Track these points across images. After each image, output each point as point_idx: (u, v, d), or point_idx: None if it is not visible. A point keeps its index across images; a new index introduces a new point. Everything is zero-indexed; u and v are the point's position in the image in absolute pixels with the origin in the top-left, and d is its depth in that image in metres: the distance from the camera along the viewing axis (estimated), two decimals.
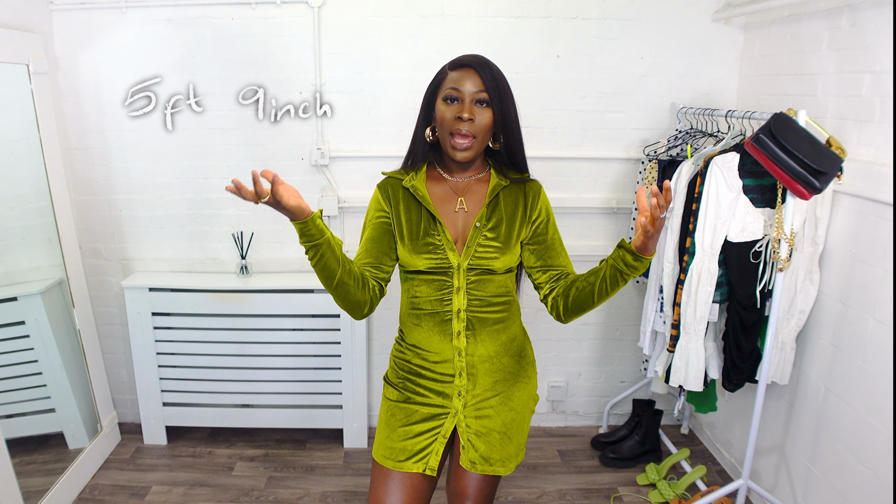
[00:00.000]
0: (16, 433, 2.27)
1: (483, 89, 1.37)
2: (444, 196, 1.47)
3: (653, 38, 2.53)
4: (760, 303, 2.04)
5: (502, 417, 1.50)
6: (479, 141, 1.39)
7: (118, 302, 2.76)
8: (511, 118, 1.42)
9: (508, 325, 1.50)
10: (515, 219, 1.46)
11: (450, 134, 1.38)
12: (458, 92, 1.37)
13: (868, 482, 1.82)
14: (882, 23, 1.78)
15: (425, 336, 1.47)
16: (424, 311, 1.46)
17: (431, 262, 1.42)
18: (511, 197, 1.48)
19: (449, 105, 1.38)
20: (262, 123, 2.57)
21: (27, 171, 2.34)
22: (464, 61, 1.40)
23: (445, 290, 1.44)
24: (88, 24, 2.45)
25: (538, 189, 1.52)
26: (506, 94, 1.40)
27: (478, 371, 1.47)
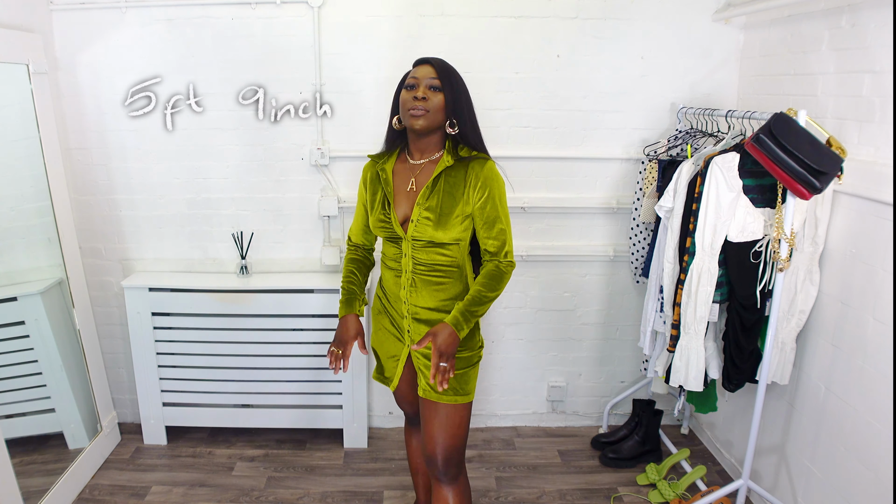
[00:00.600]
0: (16, 433, 2.27)
1: (435, 76, 1.65)
2: (403, 176, 1.75)
3: (653, 38, 2.53)
4: (760, 303, 2.04)
5: None
6: (432, 114, 1.64)
7: (118, 302, 2.76)
8: (462, 104, 1.67)
9: (449, 287, 1.75)
10: (454, 196, 1.67)
11: (408, 111, 1.64)
12: (416, 79, 1.66)
13: (868, 482, 1.82)
14: (882, 23, 1.78)
15: (389, 280, 1.82)
16: (387, 265, 1.81)
17: (384, 233, 1.75)
18: (456, 176, 1.68)
19: (408, 91, 1.66)
20: (262, 123, 2.57)
21: (27, 171, 2.35)
22: (422, 59, 1.72)
23: (397, 252, 1.76)
24: (88, 24, 2.45)
25: (481, 167, 1.68)
26: (457, 84, 1.67)
27: (421, 318, 1.77)
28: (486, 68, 2.52)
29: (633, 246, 2.61)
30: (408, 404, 1.98)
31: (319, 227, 2.70)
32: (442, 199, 1.67)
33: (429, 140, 1.71)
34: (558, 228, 2.74)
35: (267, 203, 2.68)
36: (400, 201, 1.73)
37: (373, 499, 2.44)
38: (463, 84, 1.69)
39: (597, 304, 2.85)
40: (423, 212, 1.67)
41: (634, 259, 2.63)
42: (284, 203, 2.68)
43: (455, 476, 1.79)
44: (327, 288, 2.59)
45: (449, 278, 1.74)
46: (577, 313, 2.86)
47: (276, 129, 2.58)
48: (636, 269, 2.64)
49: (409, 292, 1.74)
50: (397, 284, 1.77)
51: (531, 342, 2.89)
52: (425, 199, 1.67)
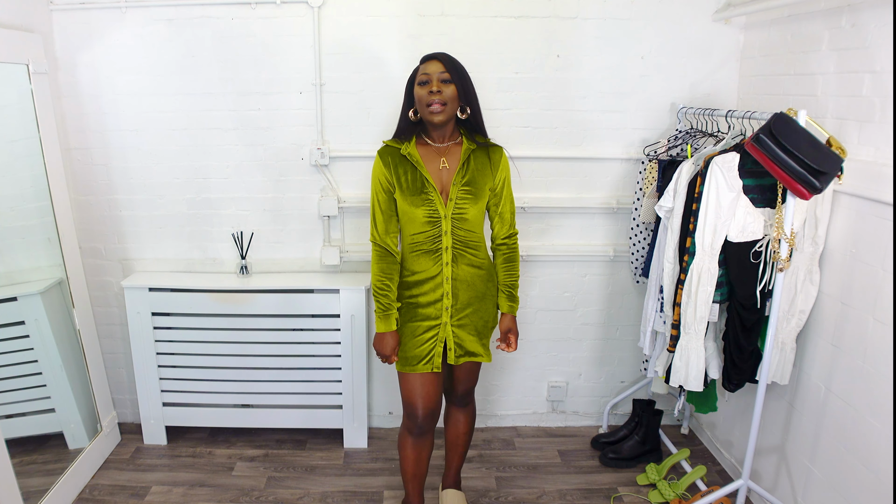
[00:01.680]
0: (16, 433, 2.27)
1: (444, 70, 1.85)
2: (430, 157, 1.95)
3: (653, 38, 2.53)
4: (760, 303, 2.04)
5: (475, 324, 2.03)
6: (448, 107, 1.86)
7: (118, 302, 2.76)
8: (471, 93, 1.92)
9: (479, 255, 2.00)
10: (483, 175, 1.95)
11: (427, 105, 1.85)
12: (427, 75, 1.85)
13: (868, 482, 1.82)
14: (882, 23, 1.78)
15: (423, 263, 1.96)
16: (423, 249, 1.95)
17: (426, 211, 1.91)
18: (480, 158, 1.96)
19: (422, 86, 1.86)
20: (262, 123, 2.57)
21: (27, 171, 2.35)
22: (429, 56, 1.90)
23: (436, 232, 1.93)
24: (88, 24, 2.45)
25: (500, 152, 2.00)
26: (464, 75, 1.89)
27: (459, 291, 1.98)
28: (486, 68, 2.52)
29: (633, 246, 2.61)
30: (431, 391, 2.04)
31: (319, 227, 2.70)
32: (475, 177, 1.93)
33: (447, 128, 1.93)
34: (558, 228, 2.74)
35: (267, 203, 2.68)
36: (435, 179, 1.93)
37: (373, 499, 2.44)
38: (468, 74, 1.91)
39: (597, 304, 2.85)
40: (461, 188, 1.91)
41: (634, 259, 2.63)
42: (284, 203, 2.68)
43: (470, 401, 2.25)
44: (327, 288, 2.59)
45: (477, 249, 1.99)
46: (577, 313, 2.86)
47: (276, 130, 2.58)
48: (636, 269, 2.64)
49: (451, 268, 1.95)
50: (438, 264, 1.95)
51: (531, 342, 2.88)
52: (462, 178, 1.92)
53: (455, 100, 1.87)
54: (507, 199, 2.03)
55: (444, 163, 1.94)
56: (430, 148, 1.95)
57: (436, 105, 1.83)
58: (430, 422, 2.07)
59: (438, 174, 1.93)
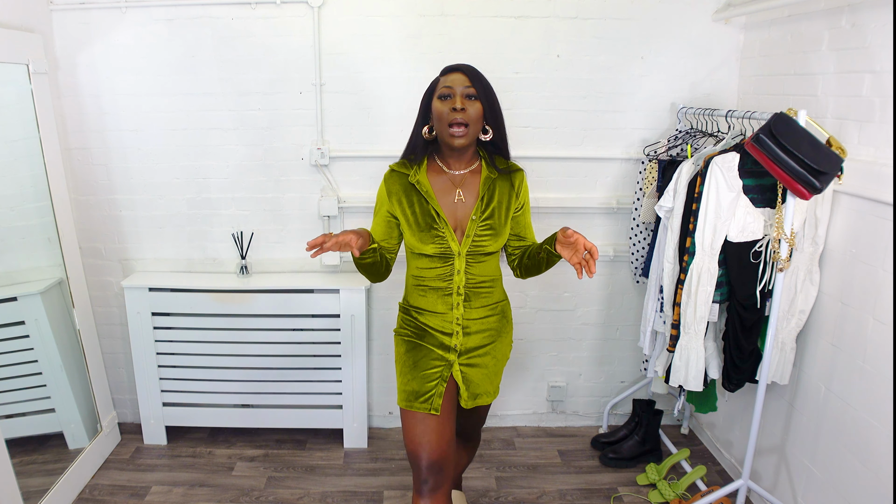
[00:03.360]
0: (16, 433, 2.27)
1: (470, 85, 1.63)
2: (444, 188, 1.71)
3: (653, 38, 2.53)
4: (760, 303, 2.04)
5: (488, 365, 1.81)
6: (472, 129, 1.63)
7: (118, 302, 2.76)
8: (497, 111, 1.69)
9: (494, 292, 1.79)
10: (503, 205, 1.73)
11: (448, 125, 1.61)
12: (451, 89, 1.63)
13: (868, 482, 1.82)
14: (882, 23, 1.78)
15: (430, 303, 1.74)
16: (429, 287, 1.73)
17: (437, 248, 1.67)
18: (501, 187, 1.73)
19: (444, 102, 1.63)
20: (261, 124, 2.57)
21: (27, 171, 2.35)
22: (452, 67, 1.68)
23: (447, 270, 1.70)
24: (88, 24, 2.45)
25: (522, 177, 1.78)
26: (490, 91, 1.66)
27: (471, 331, 1.76)
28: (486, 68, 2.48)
29: (633, 246, 2.61)
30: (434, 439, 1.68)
31: (319, 227, 2.70)
32: (497, 210, 1.71)
33: (468, 152, 1.71)
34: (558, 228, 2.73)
35: (267, 203, 2.68)
36: (449, 214, 1.69)
37: (373, 499, 2.44)
38: (494, 91, 1.68)
39: (597, 304, 2.85)
40: (480, 224, 1.68)
41: (634, 259, 2.63)
42: (284, 203, 2.68)
43: (476, 437, 2.10)
44: (327, 288, 2.59)
45: (494, 286, 1.78)
46: (577, 313, 2.86)
47: (276, 130, 2.58)
48: (636, 269, 2.64)
49: (462, 308, 1.72)
50: (446, 303, 1.72)
51: (531, 342, 2.88)
52: (482, 213, 1.69)
53: (479, 120, 1.64)
54: (529, 226, 1.82)
55: (460, 195, 1.69)
56: (443, 176, 1.71)
57: (457, 127, 1.60)
58: (437, 475, 1.66)
59: (452, 208, 1.69)
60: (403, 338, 1.80)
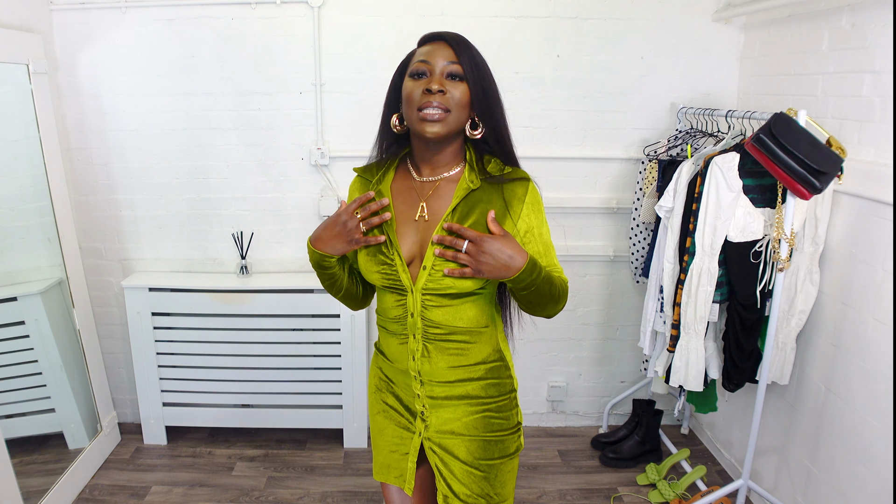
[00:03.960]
0: (16, 433, 2.27)
1: (455, 61, 1.19)
2: (408, 200, 1.28)
3: (653, 38, 2.53)
4: (760, 303, 2.04)
5: (472, 461, 1.31)
6: (453, 116, 1.19)
7: (118, 302, 2.76)
8: (492, 98, 1.23)
9: (473, 351, 1.28)
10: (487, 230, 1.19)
11: (418, 109, 1.18)
12: (427, 64, 1.19)
13: (868, 482, 1.82)
14: (882, 23, 1.78)
15: (391, 349, 1.33)
16: (389, 320, 1.31)
17: (384, 280, 1.25)
18: (488, 200, 1.22)
19: (416, 80, 1.20)
20: (262, 123, 2.57)
21: (27, 171, 2.34)
22: (432, 35, 1.24)
23: (401, 310, 1.26)
24: (88, 24, 2.45)
25: (522, 192, 1.24)
26: (483, 69, 1.23)
27: (437, 395, 1.29)
28: None
29: (633, 246, 2.61)
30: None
31: None
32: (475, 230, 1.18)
33: (445, 150, 1.26)
34: (558, 228, 2.74)
35: (267, 203, 2.68)
36: (405, 236, 1.25)
37: (373, 499, 2.44)
38: (491, 74, 1.25)
39: (597, 304, 2.85)
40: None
41: (634, 259, 2.63)
42: (284, 203, 2.68)
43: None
44: None
45: (473, 341, 1.28)
46: (577, 313, 2.86)
47: (276, 130, 2.58)
48: (636, 269, 2.64)
49: (421, 363, 1.27)
50: (404, 353, 1.29)
51: (531, 342, 2.88)
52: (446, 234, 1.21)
53: (465, 107, 1.20)
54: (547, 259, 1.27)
55: (423, 211, 1.25)
56: (409, 183, 1.29)
57: (432, 109, 1.17)
58: None
59: (412, 228, 1.25)
60: (372, 391, 1.46)
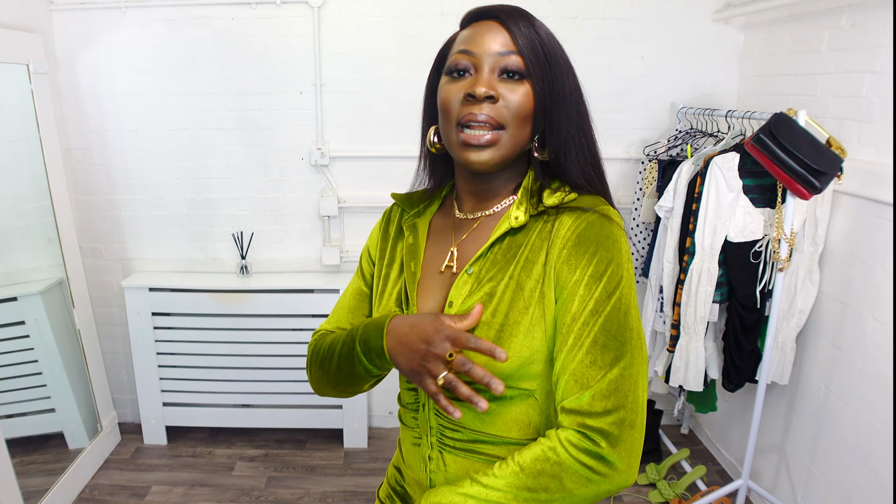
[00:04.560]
0: (16, 433, 2.27)
1: (514, 50, 0.82)
2: (441, 243, 0.94)
3: (653, 38, 2.53)
4: (760, 303, 2.04)
5: None
6: (509, 135, 0.82)
7: (118, 302, 2.76)
8: (571, 102, 0.88)
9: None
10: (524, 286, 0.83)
11: (457, 125, 0.83)
12: (470, 56, 0.83)
13: (868, 482, 1.82)
14: (882, 23, 1.78)
15: (406, 442, 0.99)
16: (402, 407, 0.99)
17: None
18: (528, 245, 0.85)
19: (455, 81, 0.84)
20: (262, 123, 2.57)
21: (27, 171, 2.35)
22: (483, 11, 0.85)
23: (412, 394, 0.95)
24: (88, 24, 2.45)
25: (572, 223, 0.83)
26: (556, 63, 0.86)
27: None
28: None
29: (633, 246, 2.61)
30: None
31: (319, 228, 2.70)
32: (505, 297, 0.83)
33: (499, 180, 0.90)
34: None
35: (267, 203, 2.68)
36: (427, 292, 0.91)
37: (373, 499, 2.44)
38: (568, 63, 0.90)
39: None
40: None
41: (634, 259, 2.63)
42: (284, 203, 2.68)
43: None
44: (327, 288, 2.59)
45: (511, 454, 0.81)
46: None
47: (276, 130, 2.58)
48: (636, 269, 2.64)
49: (433, 472, 0.92)
50: (416, 457, 0.96)
51: None
52: (469, 291, 0.86)
53: (527, 118, 0.84)
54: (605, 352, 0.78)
55: (453, 258, 0.91)
56: (450, 220, 0.96)
57: (477, 129, 0.82)
58: None
59: (437, 282, 0.91)
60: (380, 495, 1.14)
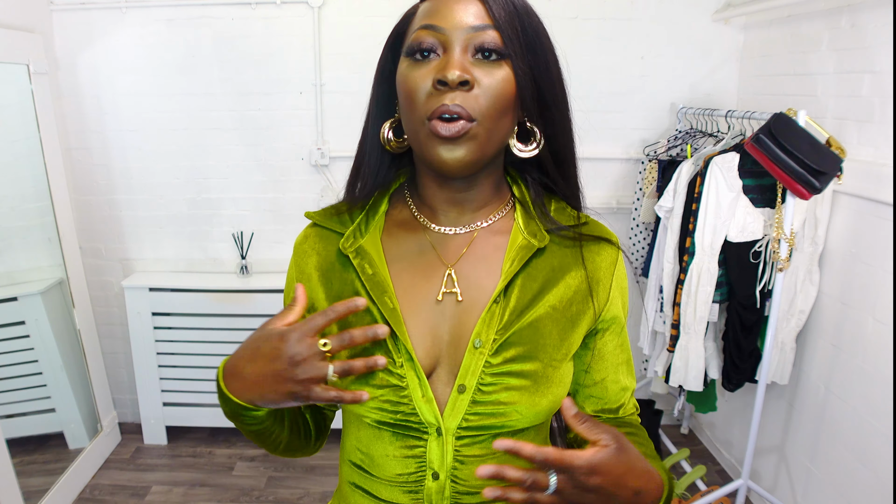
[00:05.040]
0: (16, 433, 2.27)
1: (489, 24, 0.68)
2: (418, 266, 0.77)
3: (653, 38, 2.53)
4: (760, 303, 2.04)
5: None
6: (485, 127, 0.68)
7: (118, 302, 2.76)
8: (556, 86, 0.78)
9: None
10: (562, 316, 0.75)
11: (426, 120, 0.68)
12: (438, 32, 0.68)
13: (868, 482, 1.83)
14: (882, 23, 1.78)
15: None
16: (381, 482, 0.78)
17: (384, 414, 0.73)
18: (559, 270, 0.76)
19: (419, 64, 0.69)
20: (262, 123, 2.57)
21: (27, 171, 2.35)
22: None
23: (414, 463, 0.75)
24: (88, 25, 2.45)
25: (611, 262, 0.78)
26: (539, 42, 0.74)
27: None
28: None
29: (633, 246, 2.61)
30: None
31: None
32: (543, 328, 0.74)
33: (480, 183, 0.77)
34: None
35: (267, 203, 2.68)
36: (418, 329, 0.75)
37: None
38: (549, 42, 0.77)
39: None
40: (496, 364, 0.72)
41: (634, 259, 2.63)
42: (284, 203, 2.68)
43: None
44: None
45: None
46: None
47: (276, 129, 2.58)
48: (636, 269, 2.64)
49: None
50: None
51: None
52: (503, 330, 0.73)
53: (508, 108, 0.71)
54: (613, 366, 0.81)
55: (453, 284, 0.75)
56: (416, 239, 0.79)
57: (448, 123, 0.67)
58: None
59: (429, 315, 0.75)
60: None
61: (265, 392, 0.67)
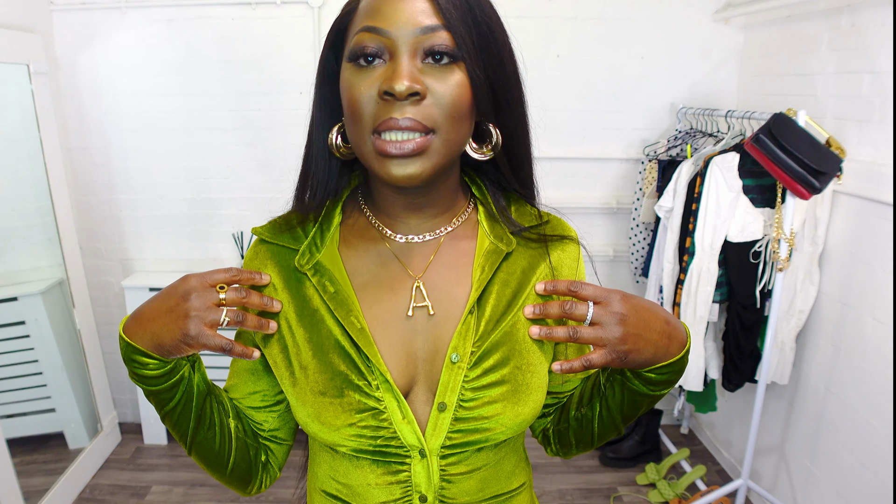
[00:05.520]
0: (16, 433, 2.27)
1: (440, 24, 0.63)
2: (382, 281, 0.73)
3: (653, 38, 2.53)
4: (760, 303, 2.04)
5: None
6: (442, 139, 0.64)
7: (118, 302, 2.76)
8: (513, 88, 0.74)
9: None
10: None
11: (373, 133, 0.64)
12: (382, 36, 0.63)
13: (868, 482, 1.83)
14: (882, 23, 1.78)
15: None
16: None
17: (362, 439, 0.69)
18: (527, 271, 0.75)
19: (363, 71, 0.64)
20: (261, 123, 2.57)
21: (27, 171, 2.35)
22: None
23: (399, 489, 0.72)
24: (88, 25, 2.45)
25: (574, 257, 0.80)
26: (493, 38, 0.69)
27: None
28: None
29: (632, 246, 2.61)
30: None
31: None
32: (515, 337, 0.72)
33: (438, 189, 0.73)
34: None
35: (267, 203, 2.68)
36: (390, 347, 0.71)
37: None
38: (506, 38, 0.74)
39: None
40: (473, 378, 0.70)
41: (634, 259, 2.63)
42: (284, 203, 2.67)
43: None
44: None
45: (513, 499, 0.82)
46: None
47: (276, 129, 2.58)
48: (636, 269, 2.64)
49: None
50: None
51: None
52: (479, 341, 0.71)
53: (465, 116, 0.66)
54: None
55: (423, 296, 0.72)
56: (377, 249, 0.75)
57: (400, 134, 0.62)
58: None
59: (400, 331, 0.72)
60: None
61: (157, 329, 0.65)
